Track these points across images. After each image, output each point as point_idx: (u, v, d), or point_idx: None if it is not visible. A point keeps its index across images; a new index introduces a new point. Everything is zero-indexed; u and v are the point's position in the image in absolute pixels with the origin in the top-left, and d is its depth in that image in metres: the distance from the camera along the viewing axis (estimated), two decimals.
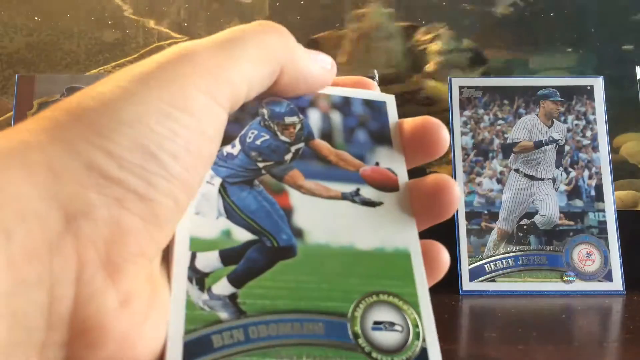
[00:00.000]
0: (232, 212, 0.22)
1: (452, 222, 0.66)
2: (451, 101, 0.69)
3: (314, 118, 0.25)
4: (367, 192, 0.24)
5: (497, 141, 0.68)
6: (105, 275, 0.18)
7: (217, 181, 0.22)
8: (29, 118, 0.19)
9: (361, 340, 0.21)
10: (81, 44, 0.77)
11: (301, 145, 0.24)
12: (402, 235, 0.23)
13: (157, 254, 0.20)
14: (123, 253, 0.18)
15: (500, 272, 0.65)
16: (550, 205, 0.67)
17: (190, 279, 0.20)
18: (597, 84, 0.69)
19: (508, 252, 0.65)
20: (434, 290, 0.22)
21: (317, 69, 0.24)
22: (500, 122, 0.69)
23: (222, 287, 0.21)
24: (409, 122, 0.26)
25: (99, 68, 0.77)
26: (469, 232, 0.66)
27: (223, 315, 0.20)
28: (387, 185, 0.24)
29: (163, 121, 0.19)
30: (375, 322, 0.21)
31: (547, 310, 0.57)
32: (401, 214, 0.24)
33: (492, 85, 0.70)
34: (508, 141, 0.68)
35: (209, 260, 0.21)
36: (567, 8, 0.81)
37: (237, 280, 0.21)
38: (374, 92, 0.27)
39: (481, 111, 0.69)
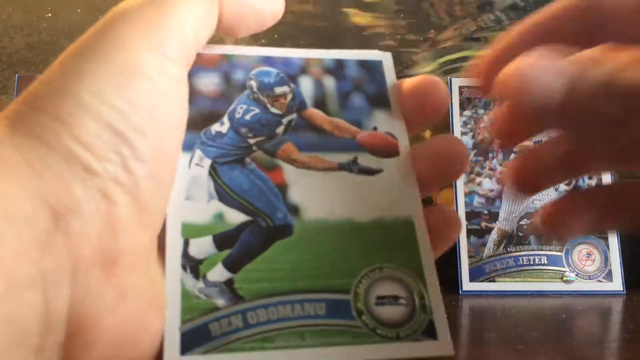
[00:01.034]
0: (224, 194, 0.21)
1: None
2: (451, 101, 0.69)
3: (306, 85, 0.24)
4: (366, 159, 0.23)
5: (497, 141, 0.68)
6: (101, 272, 0.17)
7: (207, 162, 0.22)
8: None
9: (365, 317, 0.20)
10: None
11: (293, 116, 0.23)
12: (404, 203, 0.22)
13: (151, 243, 0.19)
14: (116, 247, 0.18)
15: (500, 272, 0.65)
16: None
17: (184, 267, 0.20)
18: None
19: (508, 252, 0.65)
20: None
21: None
22: None
23: (218, 273, 0.20)
24: (407, 83, 0.24)
25: None
26: (469, 232, 0.66)
27: (220, 302, 0.19)
28: (387, 150, 0.23)
29: (120, 92, 0.18)
30: (379, 297, 0.20)
31: (547, 310, 0.57)
32: (402, 180, 0.23)
33: None
34: None
35: (202, 246, 0.20)
36: None
37: (232, 265, 0.20)
38: (368, 52, 0.25)
39: (481, 111, 0.69)
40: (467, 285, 0.64)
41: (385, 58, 0.25)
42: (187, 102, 0.20)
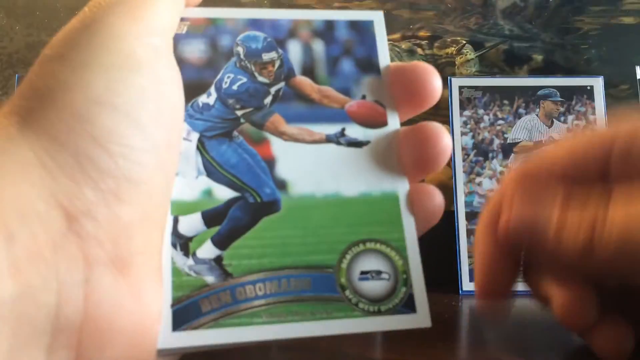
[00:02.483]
0: (212, 170, 0.21)
1: (452, 223, 0.66)
2: (451, 101, 0.69)
3: (294, 50, 0.23)
4: (353, 131, 0.23)
5: (497, 141, 0.68)
6: (116, 273, 0.17)
7: (195, 136, 0.21)
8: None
9: (348, 292, 0.20)
10: None
11: (281, 85, 0.23)
12: (390, 177, 0.22)
13: (161, 239, 0.19)
14: (130, 247, 0.17)
15: None
16: None
17: (174, 245, 0.20)
18: (597, 84, 0.69)
19: None
20: (433, 290, 0.22)
21: None
22: (500, 122, 0.69)
23: (207, 250, 0.20)
24: (399, 65, 0.23)
25: None
26: (469, 232, 0.66)
27: (210, 279, 0.20)
28: (375, 120, 0.23)
29: (127, 83, 0.18)
30: (362, 272, 0.21)
31: (547, 310, 0.57)
32: (390, 153, 0.23)
33: (492, 85, 0.70)
34: (508, 141, 0.68)
35: (192, 224, 0.20)
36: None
37: (221, 242, 0.20)
38: (359, 12, 0.24)
39: (481, 111, 0.69)
40: (467, 285, 0.64)
41: (376, 17, 0.25)
42: (181, 87, 0.20)
